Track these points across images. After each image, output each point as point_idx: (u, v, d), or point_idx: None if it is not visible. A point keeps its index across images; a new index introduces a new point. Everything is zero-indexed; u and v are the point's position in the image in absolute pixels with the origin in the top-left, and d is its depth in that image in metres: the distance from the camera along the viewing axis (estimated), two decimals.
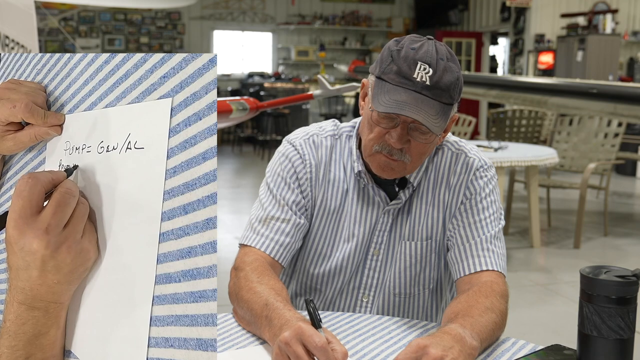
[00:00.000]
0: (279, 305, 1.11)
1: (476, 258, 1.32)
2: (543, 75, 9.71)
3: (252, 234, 1.37)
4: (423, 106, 1.20)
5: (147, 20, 11.93)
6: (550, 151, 4.67)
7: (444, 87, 1.21)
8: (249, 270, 1.26)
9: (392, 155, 1.28)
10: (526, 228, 5.20)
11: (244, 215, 5.74)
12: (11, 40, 1.76)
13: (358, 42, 13.12)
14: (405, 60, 1.21)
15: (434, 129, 1.22)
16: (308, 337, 0.96)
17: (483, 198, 1.38)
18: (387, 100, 1.21)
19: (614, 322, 0.96)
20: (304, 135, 1.45)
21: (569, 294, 3.84)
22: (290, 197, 1.39)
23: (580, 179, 4.90)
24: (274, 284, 1.22)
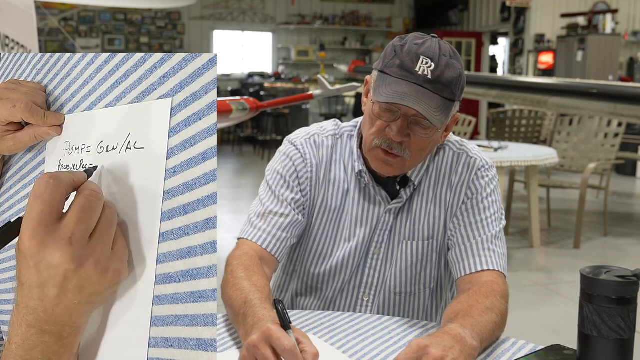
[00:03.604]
0: (256, 303, 1.10)
1: (477, 258, 1.32)
2: (543, 75, 9.71)
3: (249, 228, 1.37)
4: (424, 98, 1.21)
5: (147, 20, 11.93)
6: (550, 151, 4.67)
7: (446, 82, 1.22)
8: (236, 265, 1.26)
9: (392, 149, 1.28)
10: (526, 228, 5.19)
11: (244, 215, 5.73)
12: (11, 40, 1.76)
13: (358, 42, 13.12)
14: (408, 54, 1.23)
15: (434, 121, 1.22)
16: (276, 340, 0.95)
17: (484, 198, 1.38)
18: (388, 92, 1.22)
19: (614, 322, 0.96)
20: (305, 135, 1.45)
21: (569, 294, 3.84)
22: (290, 195, 1.39)
23: (580, 179, 4.90)
24: (257, 279, 1.20)
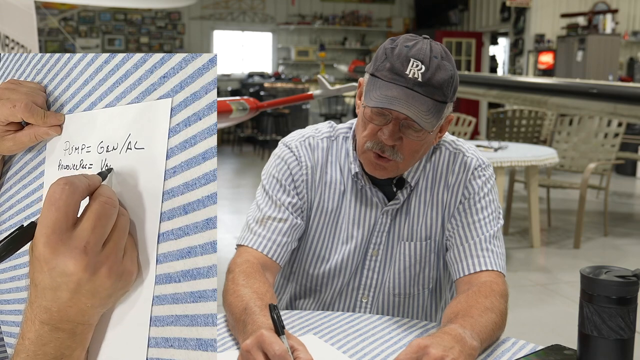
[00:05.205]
0: (256, 310, 1.10)
1: (475, 258, 1.32)
2: (543, 75, 9.71)
3: (248, 234, 1.36)
4: (414, 102, 1.20)
5: (147, 20, 11.92)
6: (550, 151, 4.67)
7: (437, 84, 1.21)
8: (238, 272, 1.25)
9: (384, 153, 1.28)
10: (526, 228, 5.19)
11: (244, 215, 5.73)
12: (11, 40, 1.76)
13: (358, 42, 13.12)
14: (398, 57, 1.22)
15: (424, 125, 1.22)
16: (268, 346, 0.95)
17: (481, 198, 1.38)
18: (378, 96, 1.22)
19: (614, 322, 0.96)
20: (299, 138, 1.45)
21: (569, 294, 3.84)
22: (287, 198, 1.39)
23: (580, 179, 4.90)
24: (259, 287, 1.20)
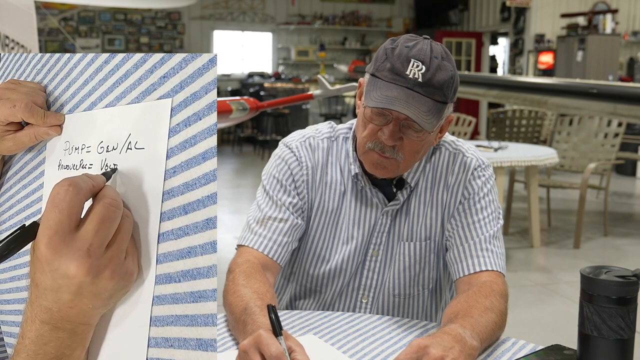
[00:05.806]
0: (256, 310, 1.10)
1: (475, 258, 1.32)
2: (543, 75, 9.71)
3: (249, 234, 1.37)
4: (414, 102, 1.20)
5: (147, 20, 11.92)
6: (550, 151, 4.67)
7: (437, 84, 1.21)
8: (238, 272, 1.25)
9: (384, 153, 1.28)
10: (526, 228, 5.19)
11: (244, 215, 5.73)
12: (11, 40, 1.76)
13: (358, 42, 13.12)
14: (398, 58, 1.22)
15: (424, 125, 1.22)
16: (265, 346, 0.95)
17: (481, 198, 1.38)
18: (378, 96, 1.22)
19: (615, 322, 0.96)
20: (300, 138, 1.45)
21: (569, 294, 3.84)
22: (287, 198, 1.39)
23: (580, 179, 4.90)
24: (259, 287, 1.20)
